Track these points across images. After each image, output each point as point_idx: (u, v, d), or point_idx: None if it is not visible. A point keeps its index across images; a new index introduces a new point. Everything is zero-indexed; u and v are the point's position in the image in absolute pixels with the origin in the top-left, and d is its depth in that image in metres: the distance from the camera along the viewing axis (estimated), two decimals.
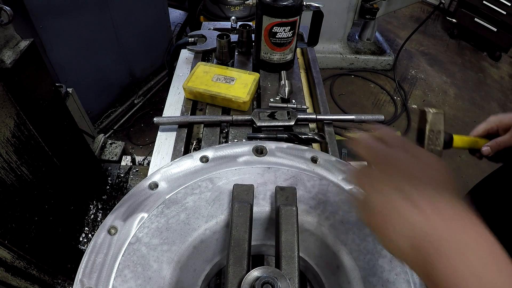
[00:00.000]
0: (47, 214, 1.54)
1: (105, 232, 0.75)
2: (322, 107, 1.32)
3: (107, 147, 2.20)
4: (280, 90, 1.34)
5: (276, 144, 0.96)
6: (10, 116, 1.25)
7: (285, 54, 1.41)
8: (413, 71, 4.50)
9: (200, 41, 1.61)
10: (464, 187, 3.24)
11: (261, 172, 0.89)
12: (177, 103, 1.40)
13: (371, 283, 0.73)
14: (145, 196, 0.82)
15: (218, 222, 0.80)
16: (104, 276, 0.69)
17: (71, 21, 2.55)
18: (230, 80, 1.33)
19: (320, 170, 0.91)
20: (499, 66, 4.70)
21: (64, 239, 1.70)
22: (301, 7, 1.31)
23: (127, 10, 3.02)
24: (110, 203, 1.95)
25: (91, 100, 3.07)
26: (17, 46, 1.27)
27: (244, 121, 1.22)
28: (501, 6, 4.20)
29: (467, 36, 4.95)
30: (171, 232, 0.76)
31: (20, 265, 1.41)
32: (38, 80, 1.39)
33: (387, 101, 4.05)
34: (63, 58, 2.62)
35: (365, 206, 0.55)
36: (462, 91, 4.28)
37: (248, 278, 0.63)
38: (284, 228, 0.73)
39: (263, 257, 0.93)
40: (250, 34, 1.53)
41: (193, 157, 0.91)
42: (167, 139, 1.24)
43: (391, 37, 4.99)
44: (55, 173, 1.56)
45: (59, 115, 1.58)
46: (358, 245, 0.78)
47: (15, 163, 1.30)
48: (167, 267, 0.72)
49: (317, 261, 0.82)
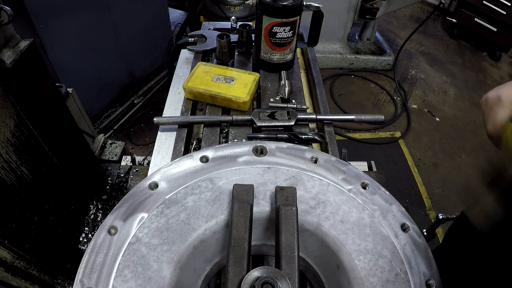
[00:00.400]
0: (47, 214, 1.54)
1: (105, 232, 0.75)
2: (322, 107, 1.32)
3: (107, 147, 2.20)
4: (280, 90, 1.34)
5: (276, 144, 0.96)
6: (10, 116, 1.25)
7: (285, 54, 1.41)
8: (413, 71, 4.50)
9: (200, 41, 1.61)
10: (464, 187, 3.24)
11: (261, 172, 0.89)
12: (177, 103, 1.40)
13: (371, 283, 0.73)
14: (145, 196, 0.82)
15: (218, 222, 0.80)
16: (104, 276, 0.69)
17: (71, 21, 2.55)
18: (230, 80, 1.33)
19: (320, 170, 0.91)
20: (499, 66, 4.70)
21: (64, 239, 1.70)
22: (301, 7, 1.31)
23: (127, 10, 3.02)
24: (110, 203, 1.95)
25: (91, 100, 3.07)
26: (17, 46, 1.27)
27: (244, 121, 1.22)
28: (501, 6, 4.20)
29: (467, 36, 4.95)
30: (171, 232, 0.76)
31: (20, 265, 1.41)
32: (38, 80, 1.39)
33: (387, 101, 4.05)
34: (63, 58, 2.62)
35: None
36: (462, 91, 4.28)
37: (248, 278, 0.63)
38: (284, 228, 0.73)
39: (263, 257, 0.93)
40: (250, 34, 1.53)
41: (193, 157, 0.91)
42: (167, 139, 1.24)
43: (391, 37, 4.99)
44: (55, 173, 1.56)
45: (59, 115, 1.58)
46: (358, 245, 0.78)
47: (15, 163, 1.30)
48: (167, 267, 0.72)
49: (317, 261, 0.82)
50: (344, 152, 1.16)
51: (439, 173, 3.36)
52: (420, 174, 3.32)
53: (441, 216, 1.07)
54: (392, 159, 3.44)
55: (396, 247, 0.78)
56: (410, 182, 3.25)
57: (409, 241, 0.80)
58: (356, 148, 3.50)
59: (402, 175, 3.30)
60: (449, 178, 3.32)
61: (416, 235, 0.81)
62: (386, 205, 0.85)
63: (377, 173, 1.34)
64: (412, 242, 0.80)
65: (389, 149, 3.52)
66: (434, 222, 1.10)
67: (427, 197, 3.14)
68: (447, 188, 3.23)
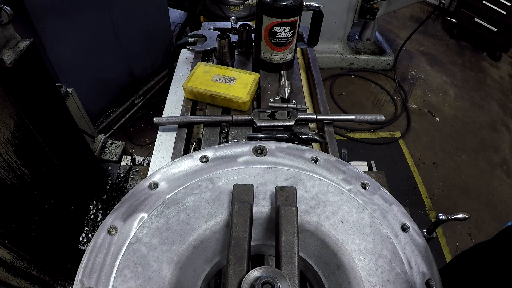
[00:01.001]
0: (47, 214, 1.54)
1: (105, 232, 0.75)
2: (322, 107, 1.32)
3: (107, 147, 2.20)
4: (280, 90, 1.34)
5: (276, 144, 0.96)
6: (10, 116, 1.25)
7: (285, 54, 1.41)
8: (413, 71, 4.50)
9: (200, 41, 1.61)
10: (464, 187, 3.25)
11: (261, 172, 0.89)
12: (177, 103, 1.40)
13: (371, 283, 0.73)
14: (145, 196, 0.82)
15: (218, 222, 0.80)
16: (104, 276, 0.69)
17: (71, 21, 2.55)
18: (230, 80, 1.33)
19: (320, 170, 0.91)
20: (499, 66, 4.70)
21: (64, 239, 1.70)
22: (301, 7, 1.31)
23: (127, 10, 3.02)
24: (110, 203, 1.95)
25: (91, 100, 3.07)
26: (17, 46, 1.27)
27: (244, 121, 1.22)
28: (501, 6, 4.20)
29: (467, 36, 4.95)
30: (171, 232, 0.76)
31: (20, 265, 1.41)
32: (38, 80, 1.39)
33: (387, 101, 4.05)
34: (63, 58, 2.62)
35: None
36: (462, 91, 4.28)
37: (248, 278, 0.63)
38: (284, 228, 0.73)
39: (263, 257, 0.93)
40: (250, 34, 1.53)
41: (193, 157, 0.91)
42: (167, 139, 1.24)
43: (391, 37, 4.99)
44: (55, 173, 1.56)
45: (59, 115, 1.57)
46: (358, 245, 0.78)
47: (15, 163, 1.30)
48: (167, 267, 0.72)
49: (317, 261, 0.82)
50: (344, 152, 1.16)
51: (439, 173, 3.36)
52: (420, 174, 3.32)
53: (441, 216, 1.07)
54: (392, 159, 3.44)
55: (396, 247, 0.78)
56: (410, 182, 3.25)
57: (409, 241, 0.80)
58: (356, 148, 3.50)
59: (402, 175, 3.30)
60: (449, 178, 3.32)
61: (416, 235, 0.81)
62: (386, 205, 0.85)
63: (377, 173, 1.34)
64: (412, 242, 0.80)
65: (389, 149, 3.52)
66: (434, 222, 1.09)
67: (427, 197, 3.14)
68: (447, 188, 3.23)
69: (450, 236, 2.90)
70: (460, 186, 3.26)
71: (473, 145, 3.64)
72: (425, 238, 0.83)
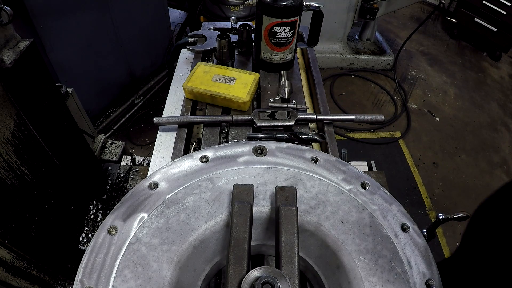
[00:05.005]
0: (47, 214, 1.54)
1: (105, 232, 0.75)
2: (322, 107, 1.32)
3: (107, 147, 2.21)
4: (280, 90, 1.34)
5: (276, 144, 0.96)
6: (10, 116, 1.25)
7: (285, 54, 1.41)
8: (413, 71, 4.50)
9: (200, 41, 1.61)
10: (464, 187, 3.25)
11: (261, 172, 0.89)
12: (177, 103, 1.40)
13: (371, 283, 0.73)
14: (145, 196, 0.82)
15: (218, 222, 0.80)
16: (104, 276, 0.69)
17: (71, 21, 2.55)
18: (230, 80, 1.33)
19: (320, 170, 0.91)
20: (499, 66, 4.70)
21: (64, 239, 1.70)
22: (301, 7, 1.31)
23: (127, 10, 3.02)
24: (110, 203, 1.95)
25: (91, 100, 3.07)
26: (17, 46, 1.27)
27: (244, 121, 1.22)
28: (501, 6, 4.21)
29: (467, 36, 4.95)
30: (171, 232, 0.76)
31: (20, 265, 1.41)
32: (38, 80, 1.39)
33: (387, 101, 4.05)
34: (63, 58, 2.62)
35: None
36: (462, 91, 4.28)
37: (248, 278, 0.63)
38: (284, 228, 0.73)
39: (263, 257, 0.93)
40: (250, 34, 1.53)
41: (193, 157, 0.91)
42: (167, 139, 1.24)
43: (391, 37, 4.99)
44: (55, 173, 1.56)
45: (59, 115, 1.58)
46: (358, 245, 0.78)
47: (15, 163, 1.30)
48: (167, 267, 0.72)
49: (317, 261, 0.82)
50: (344, 152, 1.16)
51: (439, 173, 3.36)
52: (420, 174, 3.32)
53: (441, 216, 1.07)
54: (392, 159, 3.44)
55: (396, 247, 0.78)
56: (410, 182, 3.25)
57: (409, 241, 0.80)
58: (356, 148, 3.50)
59: (402, 175, 3.30)
60: (449, 178, 3.32)
61: (416, 235, 0.81)
62: (386, 205, 0.85)
63: (377, 173, 1.34)
64: (412, 242, 0.80)
65: (389, 149, 3.52)
66: (434, 222, 1.09)
67: (427, 197, 3.14)
68: (447, 188, 3.23)
69: (450, 236, 2.90)
70: (460, 186, 3.26)
71: (473, 145, 3.64)
72: (425, 238, 0.83)
